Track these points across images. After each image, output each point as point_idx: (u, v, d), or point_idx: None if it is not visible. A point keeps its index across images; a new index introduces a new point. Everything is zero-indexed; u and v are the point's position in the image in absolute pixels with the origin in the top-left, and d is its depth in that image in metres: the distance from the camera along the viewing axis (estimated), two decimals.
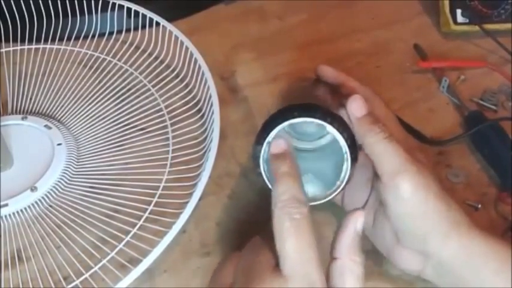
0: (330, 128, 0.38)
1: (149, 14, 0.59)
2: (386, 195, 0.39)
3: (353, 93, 0.41)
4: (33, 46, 0.60)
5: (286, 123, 0.38)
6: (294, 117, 0.38)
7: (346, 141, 0.39)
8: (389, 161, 0.39)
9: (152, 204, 0.47)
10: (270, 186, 0.40)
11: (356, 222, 0.35)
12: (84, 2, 0.60)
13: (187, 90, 0.56)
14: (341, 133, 0.39)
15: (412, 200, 0.38)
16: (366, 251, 0.45)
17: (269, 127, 0.39)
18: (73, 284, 0.43)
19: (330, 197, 0.41)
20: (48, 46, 0.60)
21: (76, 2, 0.60)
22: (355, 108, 0.40)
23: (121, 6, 0.60)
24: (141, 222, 0.46)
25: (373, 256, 0.45)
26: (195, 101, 0.55)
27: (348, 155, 0.39)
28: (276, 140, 0.38)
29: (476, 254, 0.39)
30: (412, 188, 0.38)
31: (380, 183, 0.39)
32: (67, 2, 0.60)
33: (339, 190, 0.41)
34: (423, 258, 0.40)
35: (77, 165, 0.50)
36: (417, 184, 0.38)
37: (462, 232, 0.39)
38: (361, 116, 0.40)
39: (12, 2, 0.60)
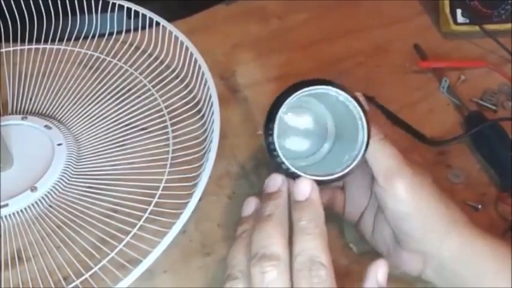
0: (344, 96, 0.37)
1: (149, 14, 0.59)
2: (383, 197, 0.39)
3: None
4: (33, 46, 0.59)
5: (304, 90, 0.37)
6: (312, 84, 0.37)
7: (362, 110, 0.38)
8: (384, 162, 0.39)
9: (152, 205, 0.47)
10: (285, 162, 0.38)
11: (377, 273, 0.34)
12: (84, 2, 0.60)
13: (187, 90, 0.56)
14: (356, 101, 0.38)
15: (409, 201, 0.39)
16: (366, 252, 0.46)
17: (283, 98, 0.38)
18: (73, 284, 0.43)
19: (351, 167, 0.38)
20: (48, 46, 0.60)
21: (76, 2, 0.60)
22: None
23: (121, 7, 0.60)
24: (141, 223, 0.46)
25: (373, 257, 0.45)
26: (195, 101, 0.55)
27: (363, 122, 0.38)
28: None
29: (476, 253, 0.39)
30: (408, 188, 0.38)
31: (377, 185, 0.39)
32: (67, 2, 0.60)
33: (359, 158, 0.38)
34: (423, 258, 0.40)
35: (77, 165, 0.50)
36: (413, 185, 0.39)
37: (461, 231, 0.39)
38: None
39: (12, 2, 0.60)
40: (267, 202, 0.37)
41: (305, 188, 0.36)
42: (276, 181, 0.38)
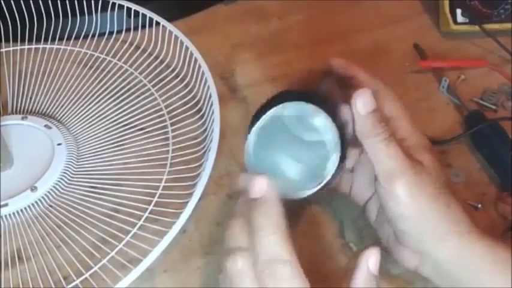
0: (320, 118, 0.37)
1: (149, 13, 0.59)
2: (384, 197, 0.39)
3: (361, 87, 0.40)
4: (33, 46, 0.60)
5: (269, 113, 0.38)
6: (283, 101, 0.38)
7: (339, 130, 0.38)
8: (386, 163, 0.39)
9: (152, 204, 0.47)
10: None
11: (368, 262, 0.34)
12: (84, 2, 0.60)
13: (187, 90, 0.56)
14: (333, 121, 0.38)
15: (408, 203, 0.38)
16: None
17: (257, 116, 0.39)
18: (73, 284, 0.43)
19: (314, 190, 0.39)
20: (48, 46, 0.60)
21: (76, 2, 0.60)
22: (359, 104, 0.39)
23: (121, 6, 0.60)
24: (141, 222, 0.46)
25: None
26: (195, 100, 0.55)
27: (338, 146, 0.38)
28: (258, 178, 0.35)
29: (475, 255, 0.38)
30: (406, 190, 0.38)
31: (378, 184, 0.39)
32: (67, 2, 0.60)
33: (324, 182, 0.39)
34: (421, 257, 0.40)
35: (77, 165, 0.50)
36: (411, 186, 0.38)
37: (461, 233, 0.39)
38: (365, 113, 0.39)
39: (12, 2, 0.60)
40: (238, 201, 0.37)
41: (260, 185, 0.35)
42: (245, 180, 0.37)
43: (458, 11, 0.63)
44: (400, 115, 0.42)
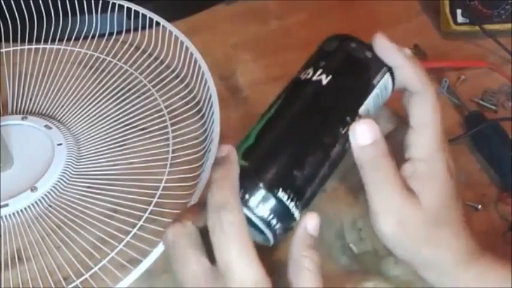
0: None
1: (149, 14, 0.59)
2: (371, 224, 0.37)
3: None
4: (33, 46, 0.60)
5: None
6: None
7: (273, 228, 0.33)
8: (375, 202, 0.36)
9: (152, 204, 0.47)
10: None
11: (306, 222, 0.33)
12: (84, 2, 0.60)
13: (187, 90, 0.56)
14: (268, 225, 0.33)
15: (392, 242, 0.37)
16: (366, 252, 0.46)
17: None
18: (73, 284, 0.43)
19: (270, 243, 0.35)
20: (48, 46, 0.60)
21: (76, 2, 0.60)
22: (358, 135, 0.35)
23: (121, 7, 0.60)
24: (141, 223, 0.46)
25: (373, 256, 0.45)
26: (195, 101, 0.55)
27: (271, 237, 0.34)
28: (224, 145, 0.35)
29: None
30: (390, 234, 0.36)
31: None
32: (67, 2, 0.60)
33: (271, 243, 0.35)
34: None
35: (77, 165, 0.50)
36: (395, 229, 0.36)
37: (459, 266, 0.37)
38: (364, 144, 0.35)
39: (12, 2, 0.60)
40: None
41: (225, 149, 0.35)
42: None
43: (459, 11, 0.63)
44: (426, 127, 0.38)
